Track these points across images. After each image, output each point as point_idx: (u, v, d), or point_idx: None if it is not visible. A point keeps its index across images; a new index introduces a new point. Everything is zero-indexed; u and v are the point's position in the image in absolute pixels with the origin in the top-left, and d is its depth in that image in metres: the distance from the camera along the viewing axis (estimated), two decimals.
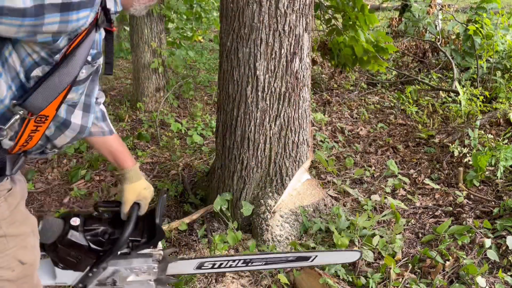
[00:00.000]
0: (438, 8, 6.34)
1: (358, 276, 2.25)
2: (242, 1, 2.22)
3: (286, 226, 2.50)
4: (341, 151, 3.72)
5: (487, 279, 2.20)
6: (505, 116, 3.83)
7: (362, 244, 2.42)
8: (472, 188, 3.03)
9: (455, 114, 4.05)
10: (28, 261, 1.25)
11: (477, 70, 4.63)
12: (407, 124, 4.19)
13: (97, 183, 3.41)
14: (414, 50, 5.70)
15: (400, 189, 3.09)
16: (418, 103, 4.53)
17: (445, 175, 3.24)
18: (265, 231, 2.46)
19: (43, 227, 1.41)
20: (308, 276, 2.18)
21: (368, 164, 3.48)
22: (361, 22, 3.40)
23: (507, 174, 3.11)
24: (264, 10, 2.21)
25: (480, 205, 2.82)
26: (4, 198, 1.17)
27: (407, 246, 2.52)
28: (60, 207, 3.12)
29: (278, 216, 2.49)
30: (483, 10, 4.85)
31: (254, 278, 2.30)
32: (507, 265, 2.29)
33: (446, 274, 2.25)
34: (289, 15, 2.24)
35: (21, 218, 1.23)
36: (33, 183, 3.39)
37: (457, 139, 3.58)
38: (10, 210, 1.19)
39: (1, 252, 1.18)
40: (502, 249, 2.37)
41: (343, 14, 3.73)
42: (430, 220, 2.75)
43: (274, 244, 2.44)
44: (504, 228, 2.51)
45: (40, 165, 3.71)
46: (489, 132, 3.61)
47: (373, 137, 4.00)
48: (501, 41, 4.61)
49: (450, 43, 5.31)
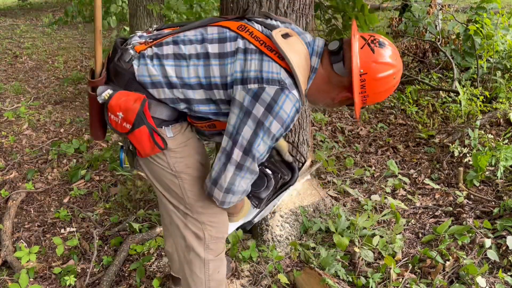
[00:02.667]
0: (438, 8, 6.33)
1: (358, 276, 2.25)
2: (242, 1, 2.22)
3: (286, 226, 2.50)
4: (341, 151, 3.72)
5: (487, 279, 2.20)
6: (505, 116, 3.83)
7: (362, 244, 2.42)
8: (472, 188, 3.03)
9: (455, 114, 4.05)
10: (205, 163, 1.69)
11: (477, 70, 4.63)
12: (407, 124, 4.19)
13: (97, 183, 3.41)
14: (414, 50, 5.70)
15: (400, 189, 3.09)
16: (418, 103, 4.53)
17: (445, 175, 3.24)
18: (265, 231, 2.46)
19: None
20: (308, 276, 2.18)
21: (368, 164, 3.48)
22: (361, 22, 3.40)
23: (507, 174, 3.11)
24: (264, 10, 2.21)
25: (480, 205, 2.82)
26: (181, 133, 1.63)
27: (407, 246, 2.52)
28: (60, 207, 3.12)
29: (278, 216, 2.49)
30: (483, 10, 4.84)
31: (254, 278, 2.31)
32: (507, 265, 2.29)
33: (446, 274, 2.25)
34: (289, 15, 2.23)
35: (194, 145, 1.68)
36: (33, 183, 3.39)
37: (457, 139, 3.58)
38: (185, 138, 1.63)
39: (188, 156, 1.64)
40: (502, 249, 2.37)
41: (343, 14, 3.72)
42: (430, 220, 2.75)
43: (274, 244, 2.45)
44: (504, 228, 2.51)
45: (40, 165, 3.71)
46: (489, 132, 3.61)
47: (373, 137, 4.00)
48: (501, 41, 4.60)
49: (450, 43, 5.30)
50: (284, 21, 1.65)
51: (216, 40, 1.52)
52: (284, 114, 1.44)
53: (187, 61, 1.51)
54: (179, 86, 1.52)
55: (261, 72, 1.44)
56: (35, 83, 5.99)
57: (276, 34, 1.47)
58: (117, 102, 1.48)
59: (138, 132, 1.50)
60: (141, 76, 1.53)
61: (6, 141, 4.12)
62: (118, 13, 6.94)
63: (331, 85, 1.55)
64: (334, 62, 1.51)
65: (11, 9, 12.91)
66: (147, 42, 1.59)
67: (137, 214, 2.91)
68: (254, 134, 1.45)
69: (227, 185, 1.53)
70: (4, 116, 4.70)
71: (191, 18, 6.11)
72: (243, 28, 1.54)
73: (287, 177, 1.88)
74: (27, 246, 2.69)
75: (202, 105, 1.55)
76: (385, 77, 1.49)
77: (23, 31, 9.55)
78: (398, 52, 1.55)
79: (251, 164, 1.50)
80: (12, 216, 2.92)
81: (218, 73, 1.49)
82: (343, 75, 1.51)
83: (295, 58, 1.45)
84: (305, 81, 1.52)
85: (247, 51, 1.48)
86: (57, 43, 8.44)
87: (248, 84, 1.45)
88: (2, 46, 8.03)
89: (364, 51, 1.47)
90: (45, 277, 2.47)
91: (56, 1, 14.23)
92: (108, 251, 2.65)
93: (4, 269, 2.52)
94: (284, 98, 1.43)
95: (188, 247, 1.75)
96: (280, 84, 1.44)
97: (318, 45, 1.57)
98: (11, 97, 5.36)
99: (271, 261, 2.37)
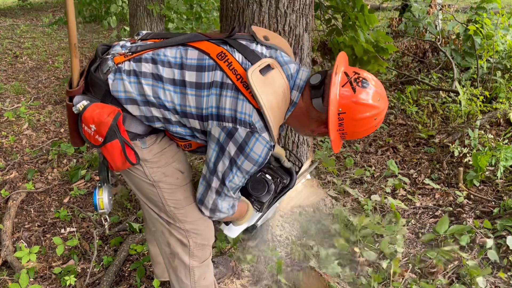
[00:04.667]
0: (438, 8, 6.33)
1: (359, 276, 2.25)
2: (242, 1, 2.22)
3: (286, 226, 2.50)
4: (341, 151, 3.72)
5: (487, 279, 2.20)
6: (505, 116, 3.83)
7: (363, 244, 2.42)
8: (472, 188, 3.03)
9: (455, 114, 4.05)
10: (184, 171, 1.69)
11: (477, 70, 4.62)
12: (407, 124, 4.19)
13: (97, 183, 3.40)
14: (414, 50, 5.69)
15: (400, 189, 3.09)
16: (418, 103, 4.53)
17: (445, 175, 3.24)
18: (265, 231, 2.46)
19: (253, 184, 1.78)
20: (308, 276, 2.18)
21: (368, 164, 3.48)
22: (361, 22, 3.39)
23: (507, 174, 3.11)
24: (264, 10, 2.21)
25: (480, 205, 2.82)
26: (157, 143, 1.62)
27: (407, 246, 2.52)
28: (60, 207, 3.12)
29: (278, 216, 2.49)
30: (483, 10, 4.84)
31: (254, 278, 2.31)
32: (507, 265, 2.29)
33: (446, 274, 2.25)
34: (289, 15, 2.24)
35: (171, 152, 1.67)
36: (33, 183, 3.39)
37: (457, 139, 3.58)
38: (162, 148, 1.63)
39: (165, 164, 1.63)
40: (502, 249, 2.37)
41: (343, 14, 3.72)
42: (430, 220, 2.75)
43: (274, 244, 2.45)
44: (504, 228, 2.51)
45: (40, 165, 3.71)
46: (489, 132, 3.61)
47: (373, 137, 4.00)
48: (501, 41, 4.60)
49: (450, 43, 5.30)
50: (270, 46, 1.59)
51: (194, 67, 1.50)
52: (255, 155, 1.46)
53: (163, 84, 1.50)
54: (157, 105, 1.51)
55: (235, 111, 1.44)
56: (35, 83, 5.99)
57: (252, 72, 1.43)
58: (91, 114, 1.47)
59: (110, 145, 1.49)
60: (115, 91, 1.51)
61: (6, 141, 4.12)
62: (118, 13, 6.95)
63: (310, 119, 1.54)
64: (314, 97, 1.48)
65: (11, 9, 12.91)
66: (126, 54, 1.55)
67: (137, 214, 2.91)
68: (228, 170, 1.50)
69: (211, 206, 1.61)
70: (4, 116, 4.70)
71: (191, 18, 6.12)
72: (223, 57, 1.50)
73: (286, 181, 1.93)
74: (27, 246, 2.69)
75: (179, 127, 1.56)
76: (365, 118, 1.45)
77: (23, 31, 9.55)
78: (384, 91, 1.49)
79: (229, 192, 1.56)
80: (12, 216, 2.92)
81: (194, 104, 1.49)
82: (322, 111, 1.48)
83: (268, 100, 1.43)
84: (281, 117, 1.51)
85: (223, 86, 1.46)
86: (57, 43, 8.44)
87: (223, 121, 1.46)
88: (2, 46, 8.03)
89: (345, 89, 1.43)
90: (45, 277, 2.47)
91: (56, 1, 14.23)
92: (108, 251, 2.65)
93: (4, 269, 2.52)
94: (254, 141, 1.44)
95: (173, 254, 1.76)
96: (251, 128, 1.44)
97: (300, 78, 1.54)
98: (11, 97, 5.36)
99: (271, 261, 2.37)
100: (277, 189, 1.90)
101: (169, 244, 1.75)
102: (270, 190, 1.83)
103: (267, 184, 1.81)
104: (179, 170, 1.68)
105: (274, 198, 1.93)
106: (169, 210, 1.67)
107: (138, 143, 1.57)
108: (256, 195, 1.83)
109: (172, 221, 1.70)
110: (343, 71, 1.48)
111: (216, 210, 1.62)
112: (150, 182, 1.63)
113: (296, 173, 2.01)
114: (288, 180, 1.94)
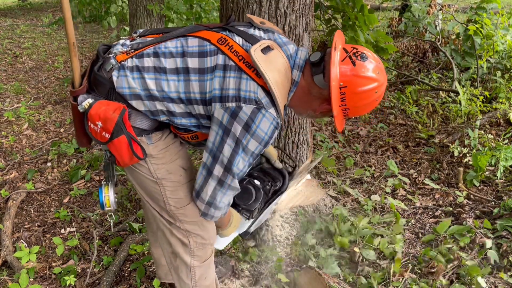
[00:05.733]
0: (438, 8, 6.33)
1: (359, 276, 2.25)
2: (242, 1, 2.22)
3: (286, 226, 2.50)
4: (341, 151, 3.72)
5: (487, 279, 2.20)
6: (505, 116, 3.84)
7: (363, 244, 2.42)
8: (472, 188, 3.03)
9: (455, 114, 4.05)
10: (187, 168, 1.69)
11: (477, 70, 4.63)
12: (407, 124, 4.19)
13: (97, 183, 3.41)
14: (414, 50, 5.70)
15: (400, 189, 3.09)
16: (418, 103, 4.53)
17: (445, 175, 3.24)
18: (265, 231, 2.46)
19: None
20: (308, 276, 2.18)
21: (368, 164, 3.48)
22: (360, 22, 3.39)
23: (507, 174, 3.11)
24: (264, 10, 2.21)
25: (480, 205, 2.82)
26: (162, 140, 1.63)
27: (407, 246, 2.52)
28: (60, 207, 3.12)
29: (278, 216, 2.49)
30: (483, 10, 4.85)
31: (254, 278, 2.31)
32: (507, 265, 2.29)
33: (446, 274, 2.25)
34: (289, 15, 2.24)
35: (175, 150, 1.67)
36: (33, 183, 3.39)
37: (457, 139, 3.58)
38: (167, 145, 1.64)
39: (170, 161, 1.64)
40: (503, 249, 2.37)
41: (343, 14, 3.72)
42: (430, 220, 2.75)
43: (274, 244, 2.44)
44: (504, 228, 2.51)
45: (40, 165, 3.71)
46: (489, 132, 3.61)
47: (373, 137, 4.00)
48: (501, 41, 4.60)
49: (450, 43, 5.30)
50: (267, 29, 1.63)
51: (196, 54, 1.52)
52: (262, 132, 1.45)
53: (166, 75, 1.51)
54: (161, 99, 1.52)
55: (239, 90, 1.45)
56: (35, 83, 5.99)
57: (255, 50, 1.45)
58: (97, 112, 1.49)
59: (117, 141, 1.50)
60: (120, 88, 1.53)
61: (6, 141, 4.12)
62: (118, 13, 6.94)
63: (312, 97, 1.55)
64: (315, 74, 1.50)
65: (11, 9, 12.91)
66: (129, 52, 1.57)
67: (137, 214, 2.91)
68: (234, 152, 1.47)
69: (209, 199, 1.58)
70: (4, 116, 4.70)
71: (191, 18, 6.12)
72: (223, 41, 1.52)
73: (279, 183, 1.90)
74: (27, 246, 2.69)
75: (183, 118, 1.57)
76: (366, 91, 1.46)
77: (23, 31, 9.55)
78: (383, 65, 1.52)
79: (232, 181, 1.53)
80: (12, 216, 2.92)
81: (198, 89, 1.50)
82: (323, 87, 1.49)
83: (273, 76, 1.44)
84: (285, 96, 1.52)
85: (226, 68, 1.48)
86: (57, 43, 8.44)
87: (226, 102, 1.46)
88: (2, 46, 8.03)
89: (345, 64, 1.45)
90: (45, 277, 2.47)
91: (56, 1, 14.23)
92: (108, 251, 2.65)
93: (4, 269, 2.52)
94: (260, 117, 1.44)
95: (174, 254, 1.76)
96: (257, 104, 1.44)
97: (300, 57, 1.56)
98: (11, 97, 5.36)
99: (271, 261, 2.37)
100: (268, 193, 1.88)
101: (170, 244, 1.75)
102: (259, 197, 1.80)
103: (254, 190, 1.78)
104: (182, 167, 1.68)
105: (266, 202, 1.90)
106: (170, 210, 1.68)
107: (144, 139, 1.59)
108: (243, 204, 1.81)
109: (172, 220, 1.70)
110: (341, 48, 1.50)
111: (212, 206, 1.60)
112: (154, 179, 1.64)
113: (290, 173, 1.98)
114: (280, 183, 1.91)
